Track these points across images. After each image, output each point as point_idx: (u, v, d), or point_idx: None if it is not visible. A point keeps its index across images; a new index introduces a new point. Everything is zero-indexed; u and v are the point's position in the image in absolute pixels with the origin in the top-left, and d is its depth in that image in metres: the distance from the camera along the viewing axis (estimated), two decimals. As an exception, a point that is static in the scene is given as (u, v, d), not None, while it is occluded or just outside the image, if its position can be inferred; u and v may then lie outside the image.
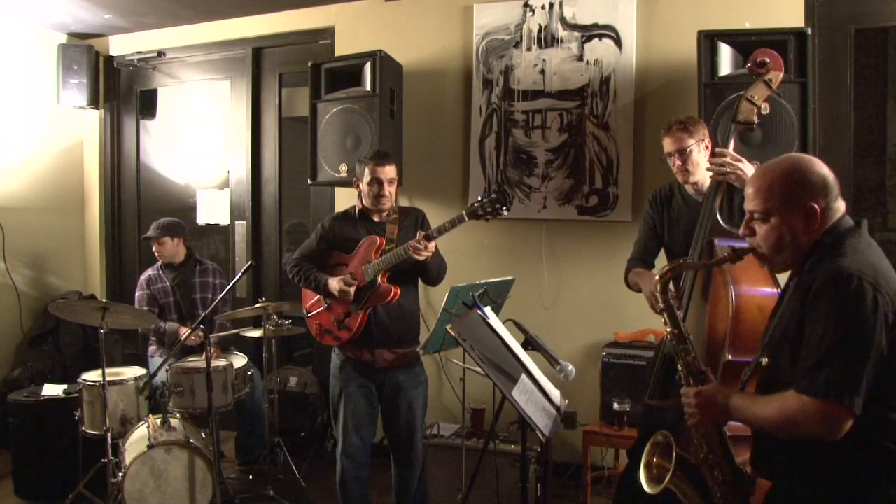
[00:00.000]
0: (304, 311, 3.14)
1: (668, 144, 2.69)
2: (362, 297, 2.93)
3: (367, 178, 2.98)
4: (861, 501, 1.57)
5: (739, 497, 1.76)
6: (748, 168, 2.45)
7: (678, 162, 2.66)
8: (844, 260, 1.56)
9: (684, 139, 2.65)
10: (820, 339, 1.53)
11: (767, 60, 2.48)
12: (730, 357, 2.16)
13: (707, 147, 2.68)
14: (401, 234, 2.99)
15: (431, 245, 2.82)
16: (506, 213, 2.75)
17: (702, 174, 2.65)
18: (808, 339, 1.56)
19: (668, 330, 1.93)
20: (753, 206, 1.71)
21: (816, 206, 1.63)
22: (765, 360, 1.73)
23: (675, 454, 1.74)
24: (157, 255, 4.12)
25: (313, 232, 3.19)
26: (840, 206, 1.68)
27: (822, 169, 1.67)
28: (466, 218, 2.78)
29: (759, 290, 2.24)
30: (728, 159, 2.46)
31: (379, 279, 2.91)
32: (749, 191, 1.73)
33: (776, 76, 2.49)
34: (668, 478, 1.72)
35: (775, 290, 2.24)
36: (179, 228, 4.13)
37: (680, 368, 1.89)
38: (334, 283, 2.94)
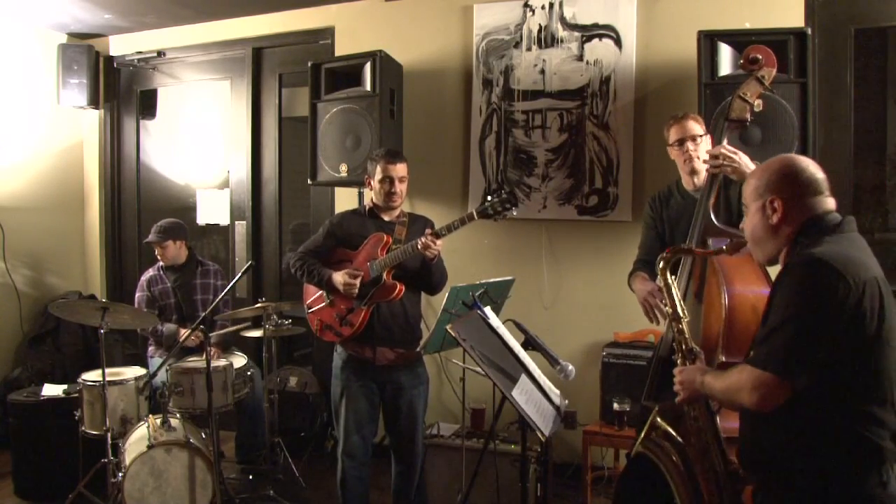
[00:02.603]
0: (305, 306, 3.13)
1: (677, 132, 2.71)
2: (367, 293, 2.93)
3: (378, 175, 3.00)
4: (844, 494, 1.57)
5: (728, 489, 1.80)
6: (746, 160, 2.45)
7: (691, 148, 2.68)
8: (817, 249, 1.61)
9: (696, 127, 2.70)
10: (772, 315, 1.61)
11: (759, 57, 2.48)
12: (723, 358, 2.16)
13: (709, 142, 2.69)
14: (408, 237, 3.00)
15: (440, 242, 2.83)
16: (514, 213, 2.78)
17: (701, 164, 2.67)
18: (767, 319, 1.64)
19: (666, 308, 2.03)
20: (743, 201, 1.83)
21: (779, 198, 1.70)
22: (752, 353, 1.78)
23: (651, 420, 1.86)
24: (159, 258, 4.11)
25: (321, 227, 3.19)
26: (822, 202, 1.71)
27: (805, 167, 1.73)
28: (476, 217, 2.79)
29: (752, 290, 2.24)
30: (723, 151, 2.46)
31: (384, 276, 2.91)
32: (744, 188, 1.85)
33: (769, 73, 2.48)
34: (639, 439, 1.84)
35: (769, 290, 2.25)
36: (181, 231, 4.12)
37: (675, 347, 1.98)
38: (339, 277, 2.93)
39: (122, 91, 5.34)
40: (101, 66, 5.22)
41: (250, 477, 3.99)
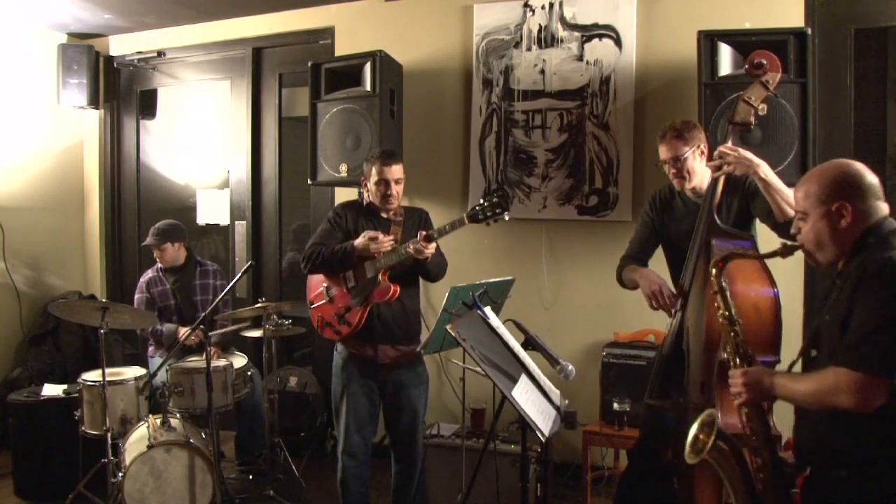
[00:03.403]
0: (308, 301, 3.14)
1: (663, 152, 2.68)
2: (363, 293, 2.94)
3: (374, 177, 2.99)
4: None
5: (780, 484, 1.80)
6: (745, 153, 2.43)
7: (672, 170, 2.66)
8: (889, 253, 1.67)
9: (679, 147, 2.61)
10: (864, 320, 1.63)
11: (764, 62, 2.48)
12: (725, 356, 2.16)
13: (703, 153, 2.64)
14: (404, 235, 3.00)
15: (432, 246, 2.83)
16: (507, 217, 2.74)
17: (699, 179, 2.64)
18: (853, 322, 1.66)
19: (721, 312, 1.98)
20: (797, 208, 1.86)
21: (847, 204, 1.74)
22: (814, 353, 1.82)
23: (716, 427, 1.79)
24: (158, 260, 4.11)
25: (324, 221, 3.16)
26: (882, 207, 1.78)
27: (862, 173, 1.79)
28: (467, 221, 2.78)
29: (754, 289, 2.24)
30: (721, 150, 2.45)
31: (379, 276, 2.91)
32: (795, 194, 1.88)
33: (773, 77, 2.48)
34: (706, 449, 1.77)
35: (772, 290, 2.25)
36: (179, 232, 4.11)
37: (728, 351, 1.94)
38: (360, 240, 2.89)
39: (122, 91, 5.34)
40: (101, 66, 5.22)
41: (250, 477, 4.00)
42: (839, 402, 1.62)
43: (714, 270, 2.01)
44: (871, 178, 1.79)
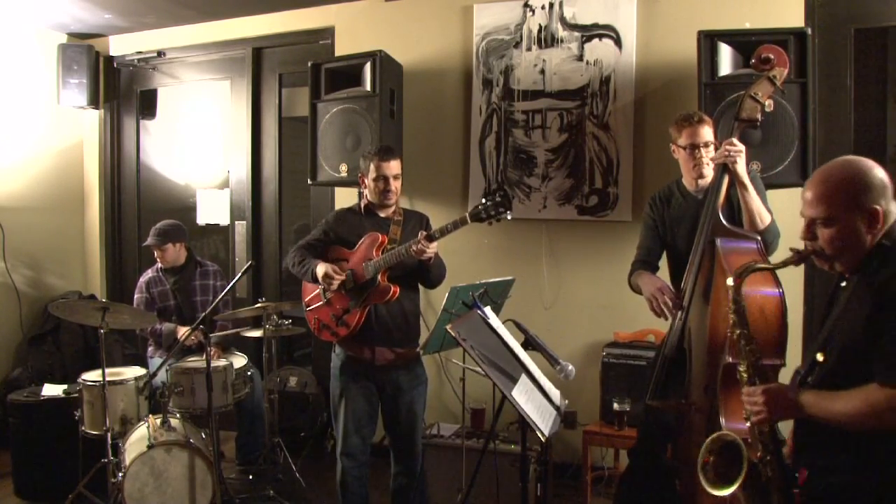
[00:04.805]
0: (304, 304, 3.13)
1: (692, 136, 2.64)
2: (362, 294, 2.93)
3: (372, 174, 2.99)
4: None
5: (787, 491, 1.78)
6: (742, 160, 2.46)
7: (704, 154, 2.63)
8: None
9: (710, 132, 2.64)
10: None
11: (772, 56, 2.48)
12: (730, 359, 2.15)
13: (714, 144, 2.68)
14: (404, 236, 2.99)
15: (433, 245, 2.82)
16: (509, 216, 2.73)
17: (710, 170, 2.65)
18: (891, 336, 1.58)
19: (737, 332, 1.91)
20: (816, 213, 1.73)
21: (879, 209, 1.68)
22: (819, 356, 1.75)
23: (746, 458, 1.73)
24: (158, 260, 4.11)
25: (318, 224, 3.18)
26: (894, 208, 1.71)
27: (880, 171, 1.72)
28: (469, 220, 2.77)
29: (760, 291, 2.23)
30: (728, 147, 2.47)
31: (379, 277, 2.91)
32: (808, 196, 1.75)
33: (780, 72, 2.48)
34: (739, 481, 1.72)
35: (777, 291, 2.23)
36: (180, 232, 4.11)
37: (744, 369, 1.88)
38: (320, 268, 2.91)
39: (122, 91, 5.34)
40: (101, 66, 5.22)
41: (250, 477, 3.99)
42: (887, 422, 1.57)
43: (732, 288, 1.92)
44: (886, 176, 1.72)
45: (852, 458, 1.66)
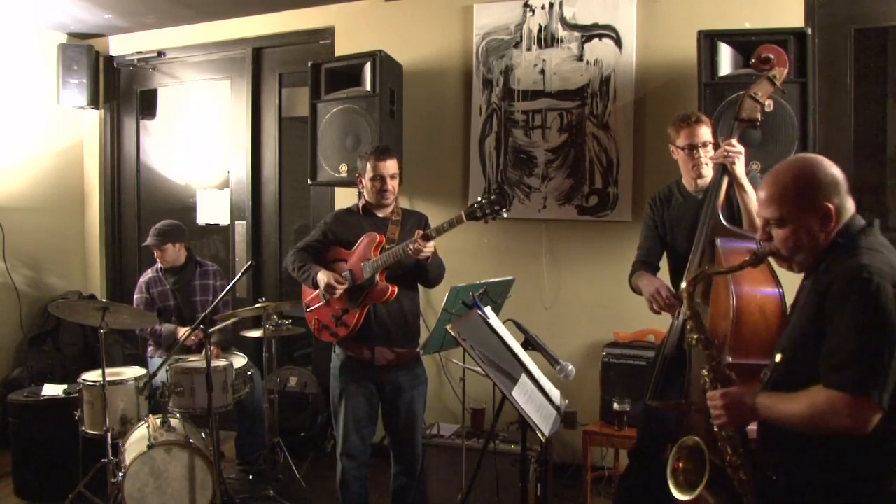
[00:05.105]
0: (304, 305, 3.13)
1: (690, 137, 2.63)
2: (360, 294, 2.93)
3: (368, 174, 2.99)
4: (864, 494, 1.60)
5: (761, 495, 1.77)
6: (741, 163, 2.46)
7: (702, 154, 2.62)
8: (863, 259, 1.60)
9: (708, 132, 2.63)
10: (844, 337, 1.56)
11: (772, 56, 2.48)
12: (730, 359, 2.15)
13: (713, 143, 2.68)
14: (402, 236, 2.99)
15: (430, 244, 2.82)
16: (505, 214, 2.73)
17: (709, 170, 2.65)
18: (834, 338, 1.59)
19: (695, 336, 1.93)
20: (769, 213, 1.73)
21: (831, 206, 1.66)
22: (778, 357, 1.75)
23: (708, 460, 1.74)
24: (158, 260, 4.10)
25: (317, 225, 3.19)
26: (850, 204, 1.70)
27: (832, 168, 1.70)
28: (465, 219, 2.77)
29: (760, 290, 2.23)
30: (728, 148, 2.47)
31: (377, 277, 2.91)
32: (762, 196, 1.75)
33: (780, 72, 2.48)
34: (702, 485, 1.72)
35: (777, 291, 2.23)
36: (179, 233, 4.10)
37: (705, 373, 1.89)
38: (322, 277, 2.92)
39: (122, 91, 5.34)
40: (101, 66, 5.22)
41: (250, 477, 4.00)
42: (834, 425, 1.56)
43: (686, 293, 1.93)
44: (838, 169, 1.70)
45: (808, 458, 1.65)
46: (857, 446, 1.59)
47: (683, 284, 1.94)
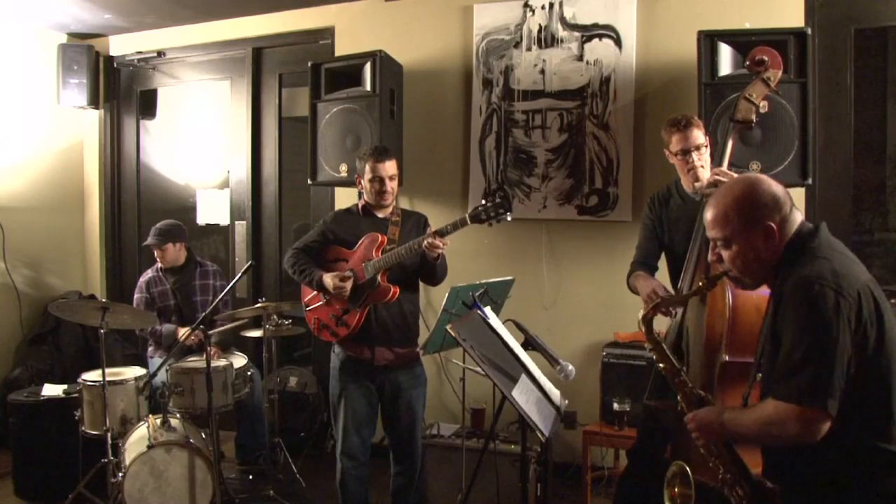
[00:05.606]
0: (303, 304, 3.13)
1: (682, 142, 2.62)
2: (361, 294, 2.93)
3: (367, 175, 2.99)
4: (861, 499, 1.61)
5: None
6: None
7: (696, 158, 2.61)
8: (804, 269, 1.62)
9: (700, 135, 2.62)
10: (790, 347, 1.59)
11: (766, 58, 2.48)
12: (727, 358, 2.16)
13: (706, 145, 2.67)
14: (402, 236, 2.99)
15: (446, 241, 2.81)
16: (509, 218, 2.74)
17: (706, 172, 2.64)
18: (782, 349, 1.62)
19: (661, 366, 1.96)
20: (714, 234, 1.78)
21: (773, 224, 1.69)
22: (759, 376, 1.77)
23: (693, 480, 1.76)
24: (158, 260, 4.10)
25: (316, 225, 3.19)
26: (796, 216, 1.73)
27: (773, 186, 1.73)
28: (469, 222, 2.78)
29: (757, 290, 2.23)
30: (722, 174, 2.47)
31: (378, 277, 2.91)
32: (707, 217, 1.79)
33: (775, 74, 2.48)
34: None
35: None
36: (180, 232, 4.11)
37: (679, 399, 1.91)
38: (329, 279, 2.92)
39: (122, 91, 5.34)
40: (101, 66, 5.22)
41: (250, 477, 4.00)
42: (784, 436, 1.59)
43: (643, 325, 1.97)
44: (779, 187, 1.74)
45: (812, 474, 1.65)
46: (851, 451, 1.60)
47: (640, 314, 2.01)
